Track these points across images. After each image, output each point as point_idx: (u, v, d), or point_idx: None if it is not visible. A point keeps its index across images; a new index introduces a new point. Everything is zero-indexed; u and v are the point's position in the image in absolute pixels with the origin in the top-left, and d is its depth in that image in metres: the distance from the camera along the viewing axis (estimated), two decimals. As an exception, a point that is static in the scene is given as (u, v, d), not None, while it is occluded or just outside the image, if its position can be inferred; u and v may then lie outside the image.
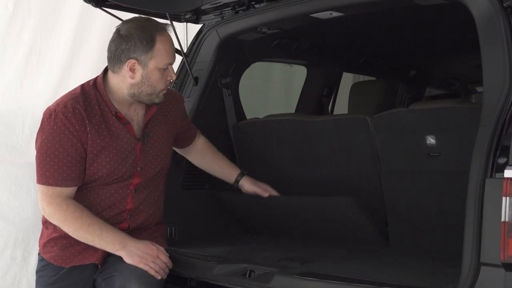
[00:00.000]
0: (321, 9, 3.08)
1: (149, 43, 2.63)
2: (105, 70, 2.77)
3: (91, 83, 2.76)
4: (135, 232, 2.80)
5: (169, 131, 2.93)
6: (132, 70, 2.65)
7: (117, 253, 2.65)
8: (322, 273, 2.55)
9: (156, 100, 2.74)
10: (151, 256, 2.65)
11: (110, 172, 2.69)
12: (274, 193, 3.24)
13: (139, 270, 2.63)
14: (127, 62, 2.64)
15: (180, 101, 3.08)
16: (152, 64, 2.65)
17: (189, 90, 3.52)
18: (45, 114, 2.69)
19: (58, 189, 2.62)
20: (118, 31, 2.67)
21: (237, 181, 3.23)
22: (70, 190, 2.65)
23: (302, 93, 4.66)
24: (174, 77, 2.76)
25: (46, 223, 2.81)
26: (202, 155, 3.27)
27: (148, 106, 2.80)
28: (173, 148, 3.07)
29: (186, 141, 3.20)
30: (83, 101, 2.67)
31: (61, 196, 2.63)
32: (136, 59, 2.64)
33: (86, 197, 2.71)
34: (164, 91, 2.75)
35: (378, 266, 2.75)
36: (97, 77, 2.77)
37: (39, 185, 2.66)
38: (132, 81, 2.67)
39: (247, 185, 3.23)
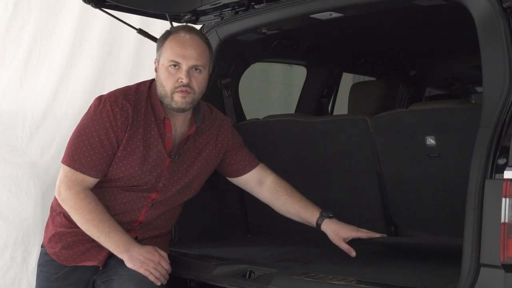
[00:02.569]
0: (321, 9, 3.07)
1: (162, 40, 2.66)
2: None
3: (147, 84, 2.74)
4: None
5: (209, 160, 2.84)
6: (155, 69, 2.69)
7: (119, 256, 2.63)
8: (322, 273, 2.55)
9: (173, 105, 2.63)
10: (152, 261, 2.61)
11: (131, 177, 2.67)
12: (373, 235, 2.75)
13: (139, 276, 2.59)
14: (154, 61, 2.70)
15: (228, 127, 2.93)
16: (161, 61, 2.66)
17: (189, 91, 3.51)
18: (95, 100, 2.68)
19: (81, 176, 2.61)
20: None
21: (318, 225, 2.81)
22: (92, 181, 2.64)
23: (302, 93, 4.66)
24: (184, 80, 2.59)
25: (54, 212, 2.78)
26: (276, 197, 2.93)
27: (190, 125, 2.75)
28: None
29: (233, 172, 2.97)
30: (133, 100, 2.66)
31: (82, 185, 2.62)
32: (156, 57, 2.68)
33: (103, 196, 2.68)
34: (179, 94, 2.60)
35: (378, 266, 2.75)
36: (153, 79, 2.75)
37: (63, 166, 2.64)
38: (156, 80, 2.69)
39: (330, 235, 2.77)
